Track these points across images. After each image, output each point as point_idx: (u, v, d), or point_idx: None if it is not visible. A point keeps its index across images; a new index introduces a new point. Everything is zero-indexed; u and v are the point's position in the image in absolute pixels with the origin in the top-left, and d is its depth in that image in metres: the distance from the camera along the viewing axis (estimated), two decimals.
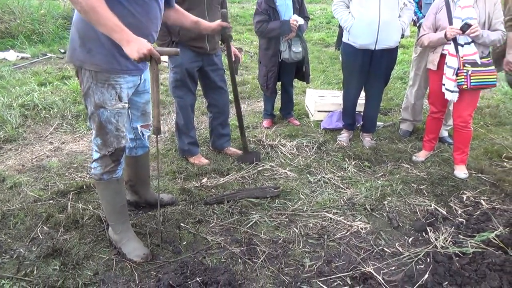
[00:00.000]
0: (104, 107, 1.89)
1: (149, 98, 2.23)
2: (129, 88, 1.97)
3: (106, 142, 1.96)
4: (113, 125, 1.94)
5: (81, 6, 1.60)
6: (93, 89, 1.86)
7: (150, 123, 2.30)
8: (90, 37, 1.79)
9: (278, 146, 3.55)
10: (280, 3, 3.58)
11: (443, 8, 3.02)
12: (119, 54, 1.82)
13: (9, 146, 3.42)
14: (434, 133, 3.38)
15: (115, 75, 1.87)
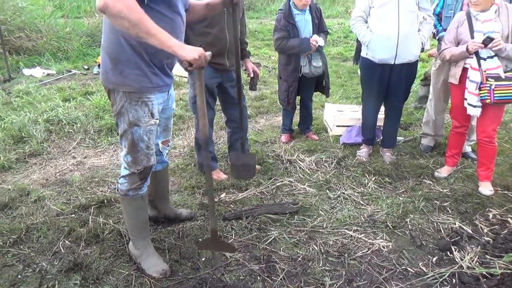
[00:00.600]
0: (138, 125, 1.92)
1: (171, 113, 2.27)
2: (159, 104, 2.01)
3: (137, 160, 1.99)
4: (144, 143, 1.97)
5: (128, 21, 1.58)
6: (127, 107, 1.89)
7: (169, 139, 2.34)
8: (120, 59, 1.82)
9: (297, 161, 3.53)
10: (299, 19, 3.61)
11: (464, 22, 2.99)
12: (151, 72, 1.87)
13: (34, 160, 3.51)
14: (457, 148, 3.31)
15: (147, 92, 1.91)
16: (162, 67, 1.94)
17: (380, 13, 3.16)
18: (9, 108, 4.57)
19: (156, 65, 1.89)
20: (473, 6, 2.90)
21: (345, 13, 13.62)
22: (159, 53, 1.84)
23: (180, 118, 4.55)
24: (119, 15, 1.57)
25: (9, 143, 3.69)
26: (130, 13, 1.57)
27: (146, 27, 1.60)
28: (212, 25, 2.77)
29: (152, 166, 2.07)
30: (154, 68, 1.88)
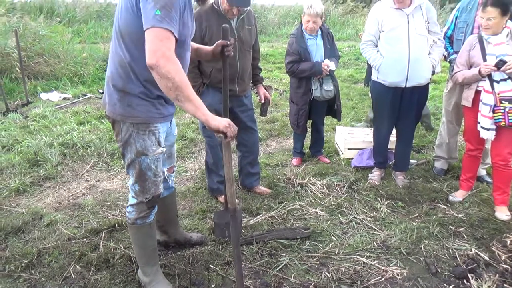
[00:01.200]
0: (146, 154, 1.94)
1: (174, 140, 2.29)
2: (164, 132, 2.04)
3: (144, 188, 2.00)
4: (152, 171, 1.98)
5: (173, 83, 1.63)
6: (134, 137, 1.91)
7: (174, 165, 2.36)
8: (128, 91, 1.85)
9: (308, 185, 3.51)
10: (311, 43, 3.66)
11: (476, 45, 2.99)
12: (158, 103, 1.91)
13: (48, 183, 3.56)
14: (471, 172, 3.25)
15: (153, 121, 1.93)
16: (167, 98, 1.95)
17: (390, 37, 3.19)
18: (26, 131, 4.68)
19: (162, 96, 1.91)
20: (484, 30, 2.90)
21: (355, 36, 13.74)
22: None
23: (192, 141, 4.59)
24: (166, 76, 1.62)
25: (24, 166, 3.76)
26: (177, 76, 1.63)
27: (187, 92, 1.66)
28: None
29: (160, 194, 2.08)
30: (161, 99, 1.92)
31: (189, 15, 1.85)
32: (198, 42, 2.80)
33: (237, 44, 2.87)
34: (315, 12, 3.49)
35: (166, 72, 1.62)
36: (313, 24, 3.55)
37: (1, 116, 5.24)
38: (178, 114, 5.60)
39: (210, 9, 2.84)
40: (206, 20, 2.80)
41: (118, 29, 1.80)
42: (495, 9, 2.80)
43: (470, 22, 3.34)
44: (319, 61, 3.61)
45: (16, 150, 4.11)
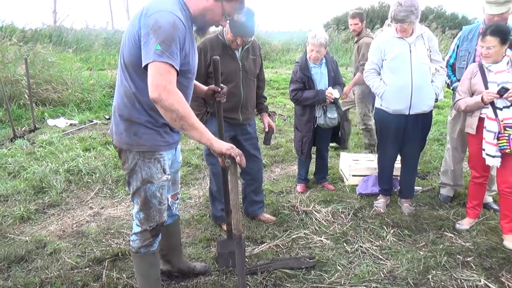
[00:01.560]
0: (151, 182, 1.95)
1: (179, 167, 2.30)
2: (169, 159, 2.06)
3: (149, 216, 2.01)
4: (157, 199, 2.00)
5: (177, 114, 1.70)
6: (140, 165, 1.93)
7: (178, 192, 2.36)
8: (134, 121, 1.89)
9: (313, 212, 3.48)
10: (315, 71, 3.71)
11: (477, 73, 3.03)
12: (163, 131, 1.94)
13: (53, 211, 3.57)
14: (477, 199, 3.22)
15: (159, 149, 1.96)
16: (171, 128, 2.00)
17: (392, 66, 3.23)
18: (32, 158, 4.72)
19: (167, 125, 1.94)
20: (485, 58, 2.94)
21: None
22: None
23: (196, 167, 4.61)
24: (170, 108, 1.69)
25: (29, 193, 3.78)
26: (180, 108, 1.70)
27: (191, 121, 1.74)
28: (227, 81, 2.87)
29: (164, 222, 2.08)
30: (166, 127, 1.96)
31: (191, 46, 1.90)
32: (203, 72, 2.87)
33: (241, 73, 2.93)
34: (319, 42, 3.55)
35: (170, 105, 1.68)
36: (316, 53, 3.61)
37: (9, 143, 5.31)
38: (183, 140, 5.64)
39: (215, 39, 2.91)
40: (210, 50, 2.86)
41: (123, 60, 1.86)
42: (494, 38, 2.85)
43: (472, 51, 3.39)
44: (323, 89, 3.65)
45: (22, 177, 4.14)
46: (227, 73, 2.87)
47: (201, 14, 1.89)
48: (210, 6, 1.88)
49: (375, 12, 23.80)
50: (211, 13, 1.90)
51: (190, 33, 1.90)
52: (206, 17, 1.90)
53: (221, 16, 1.92)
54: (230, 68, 2.89)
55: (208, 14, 1.90)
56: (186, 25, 1.80)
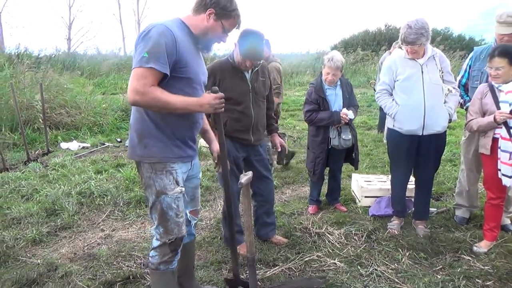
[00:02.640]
0: (165, 193, 2.02)
1: (198, 183, 2.35)
2: (183, 173, 2.12)
3: (168, 229, 2.06)
4: (173, 210, 2.05)
5: (158, 107, 1.87)
6: (153, 178, 2.01)
7: (198, 209, 2.39)
8: (145, 134, 2.00)
9: (325, 234, 3.43)
10: (329, 93, 3.73)
11: (488, 93, 3.01)
12: (173, 144, 2.03)
13: (64, 233, 3.57)
14: (495, 221, 3.14)
15: (170, 162, 2.04)
16: (183, 140, 2.09)
17: (404, 87, 3.22)
18: (45, 181, 4.77)
19: (178, 138, 2.05)
20: (494, 79, 2.93)
21: (367, 83, 14.00)
22: (180, 127, 2.04)
23: (207, 189, 4.60)
24: (149, 105, 1.88)
25: (42, 216, 3.80)
26: (158, 103, 1.86)
27: (172, 106, 1.89)
28: (238, 103, 2.91)
29: (183, 237, 2.11)
30: (176, 140, 2.05)
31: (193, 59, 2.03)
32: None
33: (251, 95, 2.96)
34: (335, 66, 3.59)
35: (147, 104, 1.87)
36: (332, 76, 3.64)
37: (23, 166, 5.39)
38: None
39: (225, 62, 2.96)
40: (220, 73, 2.91)
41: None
42: (502, 59, 2.85)
43: (485, 71, 3.38)
44: (337, 111, 3.66)
45: (35, 199, 4.18)
46: (238, 95, 2.90)
47: (203, 33, 2.05)
48: (211, 25, 2.03)
49: (382, 35, 24.07)
50: (213, 31, 2.05)
51: (191, 47, 2.04)
52: (208, 35, 2.07)
53: (222, 33, 2.08)
54: (240, 90, 2.92)
55: (210, 33, 2.06)
56: (183, 38, 1.96)
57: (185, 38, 1.98)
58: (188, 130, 2.10)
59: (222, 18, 2.03)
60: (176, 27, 1.95)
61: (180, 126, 2.05)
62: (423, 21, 3.08)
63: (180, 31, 1.96)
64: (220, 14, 2.02)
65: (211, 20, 2.02)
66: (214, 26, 2.03)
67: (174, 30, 1.91)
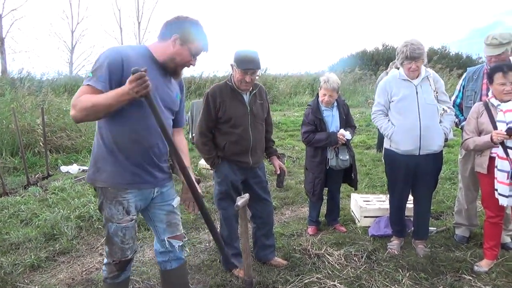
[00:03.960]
0: (111, 221, 2.06)
1: (172, 209, 2.29)
2: (139, 200, 2.13)
3: (112, 251, 2.11)
4: (119, 238, 2.08)
5: (91, 113, 1.86)
6: (104, 204, 2.08)
7: (180, 234, 2.34)
8: (99, 158, 2.04)
9: (325, 256, 3.41)
10: (326, 114, 3.77)
11: (483, 113, 3.04)
12: (125, 170, 2.02)
13: (63, 258, 3.55)
14: (494, 240, 3.13)
15: (122, 192, 2.04)
16: (140, 165, 2.06)
17: (400, 107, 3.27)
18: (45, 205, 4.77)
19: (133, 163, 2.04)
20: (507, 95, 2.91)
21: (365, 103, 14.12)
22: (133, 152, 2.02)
23: None
24: (82, 114, 1.86)
25: (40, 241, 3.78)
26: (87, 107, 1.84)
27: (101, 105, 1.83)
28: (236, 126, 2.95)
29: (129, 260, 2.15)
30: (131, 166, 2.04)
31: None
32: (213, 116, 2.96)
33: (250, 117, 3.00)
34: (331, 87, 3.65)
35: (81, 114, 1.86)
36: (329, 97, 3.70)
37: (22, 190, 5.39)
38: None
39: (224, 85, 3.01)
40: (219, 96, 2.95)
41: None
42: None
43: (478, 90, 3.44)
44: (335, 131, 3.70)
45: (33, 224, 4.16)
46: (236, 117, 2.95)
47: (170, 59, 2.06)
48: (177, 51, 2.04)
49: (379, 54, 24.43)
50: (179, 56, 2.06)
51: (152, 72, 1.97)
52: (176, 60, 2.07)
53: (190, 57, 2.08)
54: (239, 112, 2.97)
55: (177, 58, 2.06)
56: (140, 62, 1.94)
57: (144, 63, 1.96)
58: (143, 155, 2.06)
59: (188, 42, 2.04)
60: (135, 52, 2.01)
61: (133, 151, 2.03)
62: (420, 41, 3.17)
63: (140, 56, 2.00)
64: (185, 39, 2.03)
65: (177, 46, 2.03)
66: (180, 51, 2.04)
67: (126, 53, 1.96)
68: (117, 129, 2.00)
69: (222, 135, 3.00)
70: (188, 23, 2.06)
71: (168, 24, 2.08)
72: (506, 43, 3.22)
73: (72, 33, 25.22)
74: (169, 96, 2.15)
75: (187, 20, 2.07)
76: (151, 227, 2.35)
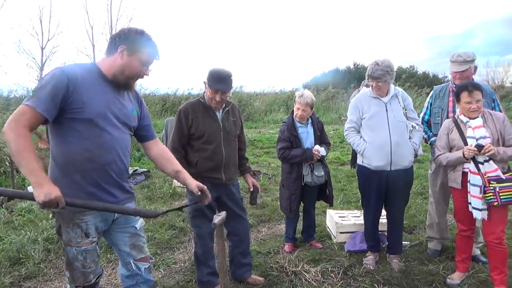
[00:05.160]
0: (70, 245, 1.97)
1: (135, 231, 2.23)
2: (100, 222, 2.04)
3: (73, 277, 2.01)
4: (79, 262, 1.99)
5: (10, 147, 1.77)
6: (61, 227, 1.98)
7: (146, 256, 2.26)
8: (53, 180, 1.88)
9: (302, 273, 3.39)
10: (301, 131, 3.83)
11: (453, 129, 3.13)
12: (81, 191, 1.94)
13: (29, 283, 3.38)
14: (466, 253, 3.21)
15: (79, 214, 1.95)
16: (97, 185, 1.98)
17: (371, 124, 3.36)
18: (10, 227, 4.55)
19: (89, 183, 1.95)
20: (473, 113, 2.99)
21: (338, 120, 14.41)
22: (88, 171, 1.94)
23: (181, 230, 4.50)
24: (7, 141, 1.77)
25: (5, 265, 3.58)
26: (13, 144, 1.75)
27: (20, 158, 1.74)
28: (209, 142, 2.94)
29: (93, 284, 2.04)
30: (87, 186, 1.95)
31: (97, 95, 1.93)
32: (185, 132, 2.94)
33: (222, 133, 2.99)
34: (305, 102, 3.72)
35: (7, 139, 1.75)
36: (302, 112, 3.75)
37: None
38: (168, 202, 5.56)
39: (197, 102, 3.01)
40: (192, 112, 2.95)
41: None
42: (479, 91, 2.99)
43: (445, 107, 3.58)
44: (310, 148, 3.75)
45: None
46: (209, 133, 2.94)
47: (120, 71, 1.99)
48: (125, 62, 1.98)
49: (351, 73, 25.14)
50: (129, 68, 1.99)
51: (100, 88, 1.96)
52: (125, 72, 2.00)
53: (140, 67, 2.01)
54: (211, 128, 2.96)
55: (126, 70, 1.99)
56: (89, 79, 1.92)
57: (91, 79, 1.94)
58: (99, 173, 1.97)
59: (136, 52, 1.97)
60: (82, 70, 1.94)
61: (88, 170, 1.94)
62: (389, 62, 3.28)
63: (87, 73, 1.94)
64: (132, 49, 1.97)
65: (124, 57, 1.97)
66: (129, 63, 1.98)
67: (74, 72, 1.89)
68: (69, 149, 1.91)
69: (194, 152, 2.98)
70: (133, 32, 2.00)
71: (113, 37, 2.02)
72: (470, 60, 3.39)
73: (42, 49, 24.66)
74: (121, 112, 2.06)
75: (132, 30, 2.02)
76: (115, 250, 2.26)
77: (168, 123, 7.69)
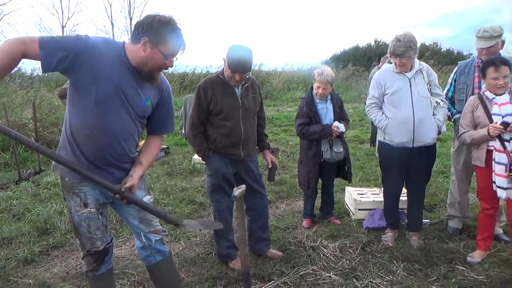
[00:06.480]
0: (72, 213, 2.06)
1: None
2: (99, 194, 2.06)
3: (82, 242, 2.11)
4: (84, 228, 2.06)
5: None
6: (64, 194, 2.07)
7: (156, 229, 2.27)
8: (61, 145, 2.02)
9: (320, 248, 3.43)
10: (321, 106, 3.78)
11: (479, 106, 3.05)
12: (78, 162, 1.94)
13: (57, 252, 3.52)
14: (488, 231, 3.16)
15: (78, 184, 2.00)
16: (94, 162, 1.97)
17: (393, 100, 3.28)
18: (37, 200, 4.72)
19: (87, 159, 1.95)
20: (500, 89, 2.92)
21: (358, 98, 14.18)
22: (87, 147, 1.94)
23: (201, 205, 4.58)
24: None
25: (34, 235, 3.75)
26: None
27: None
28: (228, 118, 2.94)
29: (104, 251, 2.12)
30: (85, 160, 1.95)
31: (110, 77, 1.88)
32: (204, 108, 2.94)
33: (241, 110, 2.98)
34: (325, 80, 3.65)
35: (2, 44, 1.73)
36: (323, 90, 3.70)
37: (14, 185, 5.33)
38: (187, 178, 5.65)
39: (216, 78, 3.00)
40: (211, 88, 2.94)
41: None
42: (507, 67, 2.89)
43: (470, 84, 3.47)
44: (329, 124, 3.71)
45: (26, 219, 4.12)
46: (227, 110, 2.94)
47: (143, 63, 1.93)
48: (148, 55, 1.90)
49: (372, 50, 24.51)
50: (152, 60, 1.92)
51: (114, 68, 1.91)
52: (148, 64, 1.94)
53: (163, 59, 1.94)
54: (230, 105, 2.95)
55: (149, 62, 1.93)
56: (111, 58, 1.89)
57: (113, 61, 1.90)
58: (96, 154, 1.96)
59: (158, 44, 1.88)
60: (107, 48, 1.90)
61: (87, 147, 1.94)
62: (411, 35, 3.16)
63: (112, 53, 1.90)
64: (155, 41, 1.88)
65: (147, 49, 1.89)
66: (151, 55, 1.90)
67: (97, 46, 1.86)
68: (74, 121, 1.93)
69: (213, 128, 2.99)
70: (156, 22, 1.88)
71: (137, 26, 1.93)
72: (497, 35, 3.25)
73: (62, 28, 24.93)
74: (133, 99, 2.00)
75: (156, 19, 1.89)
76: (127, 224, 2.31)
77: (187, 100, 7.72)
